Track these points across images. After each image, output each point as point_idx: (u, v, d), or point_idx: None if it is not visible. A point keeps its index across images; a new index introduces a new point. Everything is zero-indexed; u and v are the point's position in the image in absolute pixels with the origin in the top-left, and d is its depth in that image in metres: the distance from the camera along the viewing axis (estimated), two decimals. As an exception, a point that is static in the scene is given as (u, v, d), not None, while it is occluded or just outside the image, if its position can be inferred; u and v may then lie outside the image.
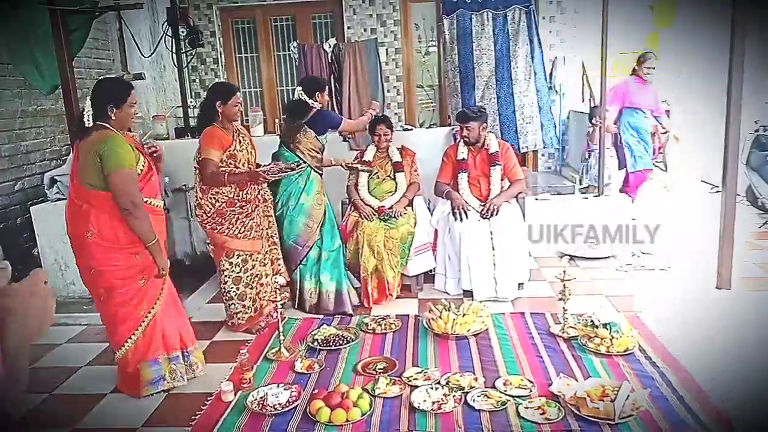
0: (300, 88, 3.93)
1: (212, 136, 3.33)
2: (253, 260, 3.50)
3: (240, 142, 3.46)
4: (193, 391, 2.95)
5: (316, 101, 3.88)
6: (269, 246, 3.67)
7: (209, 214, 3.39)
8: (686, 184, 6.57)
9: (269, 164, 3.57)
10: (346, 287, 3.95)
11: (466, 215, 4.07)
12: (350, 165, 4.23)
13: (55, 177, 4.45)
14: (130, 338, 2.85)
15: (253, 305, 3.55)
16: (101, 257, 2.72)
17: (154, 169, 2.88)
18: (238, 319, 3.54)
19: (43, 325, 1.02)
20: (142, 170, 2.77)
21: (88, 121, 2.67)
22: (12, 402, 1.00)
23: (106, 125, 2.69)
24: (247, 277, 3.50)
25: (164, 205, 3.06)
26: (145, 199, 2.75)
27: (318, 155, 3.94)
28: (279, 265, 3.78)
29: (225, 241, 3.41)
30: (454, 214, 4.10)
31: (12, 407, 1.00)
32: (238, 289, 3.48)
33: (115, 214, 2.70)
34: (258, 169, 3.42)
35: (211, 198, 3.38)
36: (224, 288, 3.50)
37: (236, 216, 3.42)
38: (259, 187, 3.53)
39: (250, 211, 3.47)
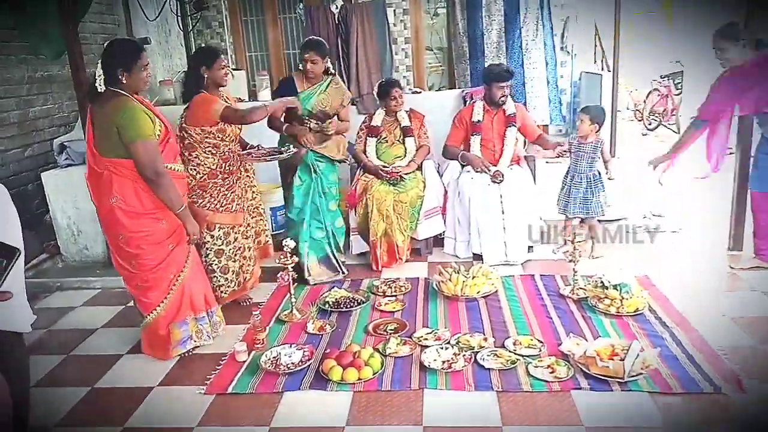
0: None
1: (211, 99, 3.17)
2: (235, 233, 3.41)
3: None
4: (207, 351, 3.00)
5: (301, 64, 3.73)
6: (253, 217, 3.60)
7: (190, 186, 3.21)
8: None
9: (256, 146, 3.52)
10: (320, 255, 3.93)
11: (495, 179, 4.04)
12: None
13: (65, 143, 4.45)
14: (162, 302, 2.87)
15: (236, 279, 3.46)
16: (128, 223, 2.72)
17: (170, 131, 2.83)
18: (221, 292, 3.43)
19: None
20: (159, 135, 2.73)
21: (100, 86, 2.63)
22: None
23: (119, 90, 2.65)
24: (230, 250, 3.40)
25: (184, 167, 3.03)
26: (166, 165, 2.73)
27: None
28: (266, 237, 3.74)
29: (206, 215, 3.28)
30: (478, 172, 4.08)
31: None
32: (220, 262, 3.38)
33: (138, 181, 2.69)
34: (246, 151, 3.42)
35: (192, 169, 3.22)
36: (206, 261, 3.36)
37: (218, 189, 3.29)
38: (242, 159, 3.42)
39: (232, 183, 3.35)
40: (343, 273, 3.94)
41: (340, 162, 3.92)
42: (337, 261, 3.97)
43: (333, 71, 3.84)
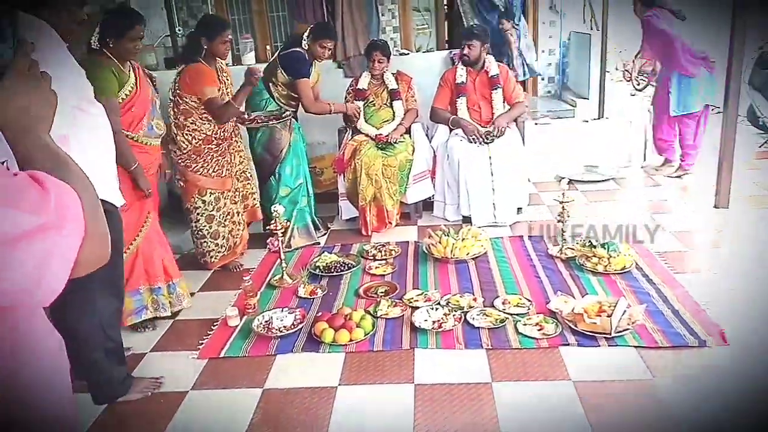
0: (312, 25, 3.83)
1: (206, 74, 3.19)
2: (224, 198, 3.43)
3: (224, 83, 3.34)
4: (199, 317, 3.01)
5: (309, 47, 3.71)
6: (240, 182, 3.60)
7: (184, 151, 3.28)
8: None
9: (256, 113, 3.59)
10: (308, 221, 3.95)
11: (483, 139, 4.01)
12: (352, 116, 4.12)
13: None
14: None
15: (226, 243, 3.49)
16: None
17: (141, 98, 2.76)
18: (211, 257, 3.47)
19: (50, 110, 0.90)
20: (123, 99, 2.69)
21: (95, 43, 2.68)
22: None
23: (104, 51, 2.66)
24: (220, 215, 3.42)
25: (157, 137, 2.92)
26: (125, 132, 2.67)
27: (291, 102, 3.80)
28: (254, 200, 3.74)
29: (198, 180, 3.31)
30: (471, 141, 4.04)
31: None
32: (210, 227, 3.40)
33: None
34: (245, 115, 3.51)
35: (187, 135, 3.25)
36: (196, 226, 3.41)
37: (211, 154, 3.33)
38: (234, 124, 3.46)
39: (224, 149, 3.39)
40: (317, 241, 3.96)
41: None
42: (315, 226, 4.01)
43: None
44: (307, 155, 4.07)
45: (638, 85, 8.99)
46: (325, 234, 4.08)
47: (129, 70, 2.73)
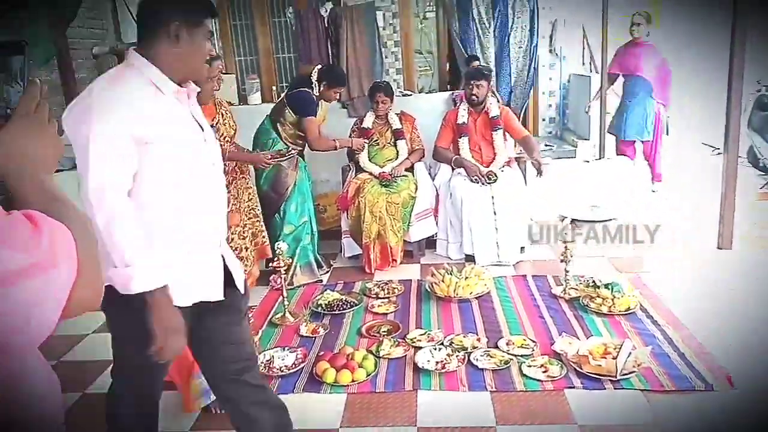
0: (319, 66, 3.91)
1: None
2: (231, 234, 3.44)
3: (222, 115, 3.40)
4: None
5: (321, 88, 3.80)
6: (249, 219, 3.62)
7: None
8: (688, 147, 6.54)
9: (263, 152, 3.64)
10: (311, 259, 3.94)
11: (488, 179, 4.05)
12: (355, 150, 4.19)
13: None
14: None
15: None
16: None
17: None
18: None
19: (54, 152, 0.89)
20: None
21: None
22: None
23: None
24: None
25: None
26: None
27: (298, 140, 3.86)
28: (263, 237, 3.74)
29: None
30: (473, 181, 4.08)
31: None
32: None
33: None
34: (260, 153, 3.55)
35: None
36: None
37: None
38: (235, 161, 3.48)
39: (227, 182, 3.40)
40: (320, 278, 3.95)
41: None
42: (318, 264, 4.00)
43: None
44: (312, 193, 4.11)
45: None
46: (327, 272, 4.08)
47: None
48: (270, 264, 3.34)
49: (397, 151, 4.26)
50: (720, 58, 4.23)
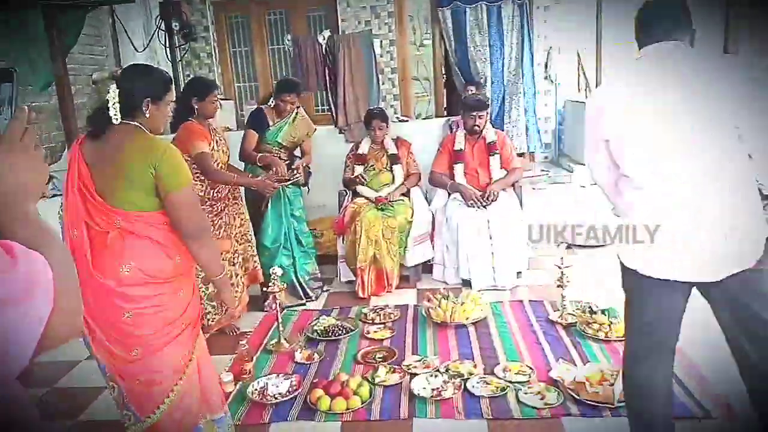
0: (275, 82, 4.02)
1: (195, 131, 3.24)
2: (222, 260, 3.40)
3: (217, 141, 3.41)
4: (193, 383, 2.95)
5: (275, 101, 3.88)
6: (241, 244, 3.60)
7: None
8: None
9: (264, 175, 3.62)
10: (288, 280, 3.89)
11: (482, 204, 4.06)
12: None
13: (51, 174, 4.43)
14: (168, 397, 2.03)
15: (221, 306, 3.37)
16: (142, 295, 1.98)
17: None
18: (208, 320, 3.37)
19: (40, 180, 0.88)
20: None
21: (116, 117, 1.95)
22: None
23: (137, 124, 1.99)
24: None
25: None
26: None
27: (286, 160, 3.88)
28: (255, 262, 3.71)
29: None
30: (469, 205, 4.09)
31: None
32: (207, 289, 3.33)
33: (162, 240, 2.00)
34: (266, 179, 3.53)
35: None
36: None
37: (206, 215, 3.32)
38: (230, 186, 3.47)
39: (219, 209, 3.40)
40: (305, 299, 3.94)
41: (304, 185, 4.06)
42: (301, 287, 3.97)
43: (298, 104, 4.00)
44: (306, 218, 4.10)
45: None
46: (314, 298, 4.02)
47: None
48: (264, 288, 3.32)
49: (393, 176, 4.28)
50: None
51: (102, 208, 1.95)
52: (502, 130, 5.52)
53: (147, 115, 2.00)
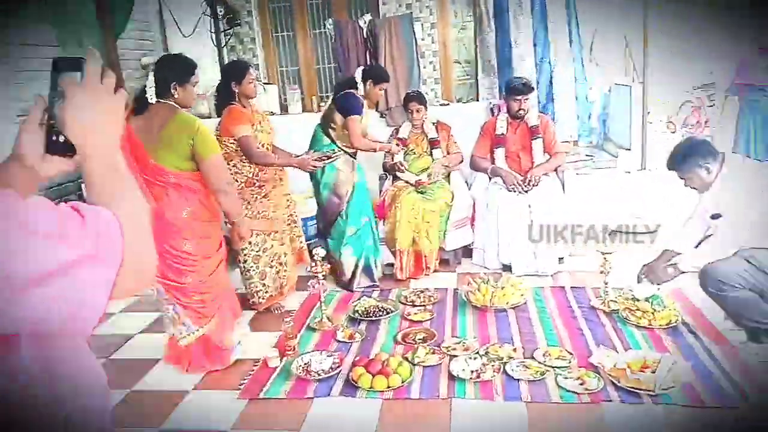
0: (362, 67, 3.98)
1: (239, 113, 3.32)
2: (272, 240, 3.52)
3: (260, 122, 3.47)
4: (241, 357, 3.06)
5: (366, 87, 3.85)
6: (288, 225, 3.69)
7: None
8: (732, 157, 6.36)
9: (306, 153, 3.66)
10: (372, 263, 3.95)
11: (523, 188, 4.05)
12: (393, 159, 4.20)
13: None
14: (217, 311, 2.91)
15: (273, 284, 3.56)
16: (198, 231, 2.78)
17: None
18: (260, 297, 3.55)
19: (121, 126, 0.89)
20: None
21: (151, 97, 2.66)
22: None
23: (172, 103, 2.70)
24: (267, 256, 3.51)
25: None
26: None
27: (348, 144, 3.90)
28: (301, 243, 3.80)
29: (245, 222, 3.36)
30: (510, 190, 4.07)
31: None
32: (258, 267, 3.49)
33: (200, 191, 2.76)
34: (306, 156, 3.56)
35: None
36: (244, 267, 3.51)
37: (255, 196, 3.44)
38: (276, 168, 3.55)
39: (267, 191, 3.49)
40: (377, 282, 3.98)
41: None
42: (375, 268, 4.00)
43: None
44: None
45: (683, 137, 8.91)
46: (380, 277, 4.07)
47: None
48: (308, 269, 3.41)
49: (433, 160, 4.28)
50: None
51: (154, 168, 2.65)
52: (552, 118, 5.45)
53: (176, 96, 2.69)
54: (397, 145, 4.20)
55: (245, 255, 3.48)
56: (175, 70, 2.72)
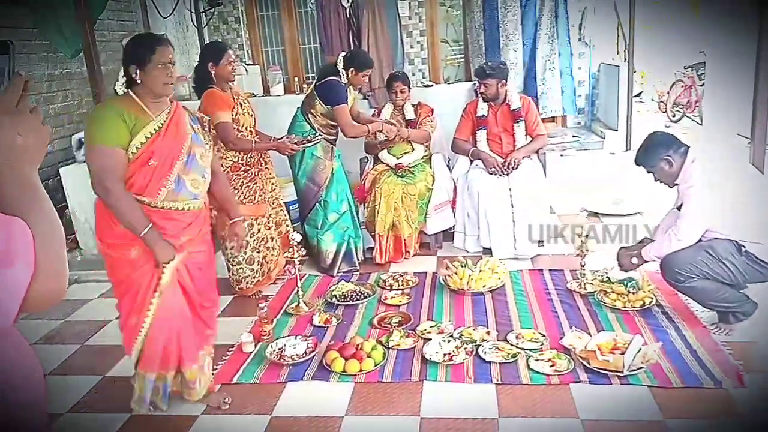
0: (343, 53, 3.88)
1: (217, 98, 3.25)
2: (258, 224, 3.51)
3: (241, 105, 3.43)
4: (216, 342, 3.06)
5: (349, 75, 3.76)
6: (273, 209, 3.68)
7: None
8: (722, 138, 6.34)
9: (284, 136, 3.61)
10: (353, 247, 3.95)
11: (504, 171, 4.03)
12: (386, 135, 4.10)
13: (82, 139, 4.57)
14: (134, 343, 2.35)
15: (260, 269, 3.57)
16: (108, 247, 2.25)
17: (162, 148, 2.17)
18: (247, 283, 3.55)
19: (39, 144, 0.89)
20: (133, 153, 2.12)
21: (121, 89, 2.18)
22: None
23: (131, 93, 2.16)
24: (254, 241, 3.50)
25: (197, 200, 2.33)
26: (138, 197, 2.15)
27: (331, 130, 3.86)
28: (287, 226, 3.80)
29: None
30: (491, 173, 4.05)
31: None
32: (245, 253, 3.47)
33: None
34: (285, 139, 3.51)
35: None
36: (230, 253, 3.49)
37: (240, 181, 3.41)
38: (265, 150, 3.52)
39: (253, 175, 3.47)
40: (357, 267, 3.98)
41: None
42: (355, 253, 3.99)
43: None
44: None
45: (673, 116, 8.87)
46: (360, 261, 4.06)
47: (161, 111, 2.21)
48: (285, 254, 3.40)
49: (412, 143, 4.25)
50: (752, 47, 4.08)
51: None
52: (534, 94, 5.41)
53: (138, 82, 2.13)
54: (377, 131, 4.13)
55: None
56: (133, 51, 2.17)
